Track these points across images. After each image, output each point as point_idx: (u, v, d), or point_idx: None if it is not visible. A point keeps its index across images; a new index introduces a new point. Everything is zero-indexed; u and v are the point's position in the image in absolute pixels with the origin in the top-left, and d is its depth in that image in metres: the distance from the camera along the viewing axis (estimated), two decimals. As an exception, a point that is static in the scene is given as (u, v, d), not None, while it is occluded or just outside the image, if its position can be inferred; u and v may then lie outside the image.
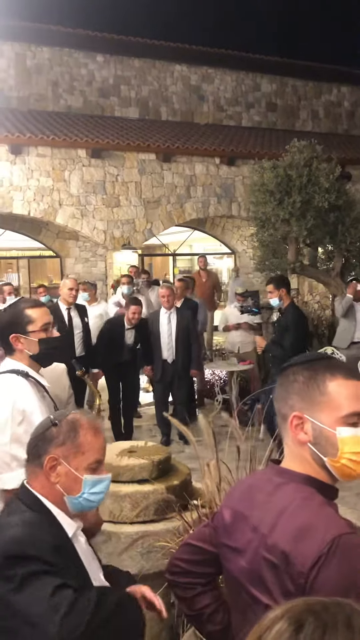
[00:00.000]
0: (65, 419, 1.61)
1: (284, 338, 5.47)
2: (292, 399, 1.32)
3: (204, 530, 1.49)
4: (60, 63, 16.06)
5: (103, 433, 1.67)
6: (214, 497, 2.39)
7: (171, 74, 17.52)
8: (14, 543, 1.40)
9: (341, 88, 19.96)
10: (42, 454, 1.56)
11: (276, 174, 8.88)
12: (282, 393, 1.36)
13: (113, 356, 6.36)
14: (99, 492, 1.60)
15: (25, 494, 1.58)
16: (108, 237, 13.30)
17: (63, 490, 1.56)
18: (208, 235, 17.24)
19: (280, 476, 1.33)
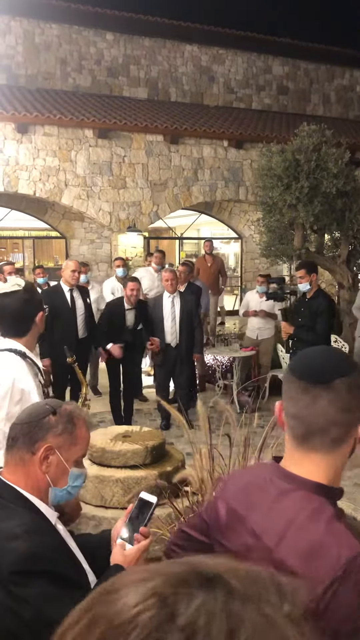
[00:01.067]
0: (62, 408, 1.59)
1: (316, 323, 5.58)
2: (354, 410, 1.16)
3: (196, 520, 1.45)
4: (69, 41, 15.84)
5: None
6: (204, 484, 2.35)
7: (181, 54, 17.26)
8: (25, 559, 1.36)
9: (354, 72, 19.62)
10: (37, 441, 1.53)
11: (284, 158, 8.76)
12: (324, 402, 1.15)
13: (113, 338, 6.33)
14: (78, 485, 1.62)
15: (2, 488, 1.54)
16: (114, 219, 13.21)
17: (50, 481, 1.55)
18: (215, 219, 17.11)
19: (286, 481, 1.22)
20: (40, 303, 2.35)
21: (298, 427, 1.17)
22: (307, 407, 1.14)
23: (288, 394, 1.18)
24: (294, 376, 1.18)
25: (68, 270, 6.18)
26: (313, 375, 1.15)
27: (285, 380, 1.21)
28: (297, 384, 1.16)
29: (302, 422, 1.15)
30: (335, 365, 1.17)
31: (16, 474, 1.54)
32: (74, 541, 1.67)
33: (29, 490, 1.54)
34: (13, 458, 1.56)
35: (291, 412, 1.18)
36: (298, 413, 1.16)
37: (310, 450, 1.18)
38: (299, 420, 1.16)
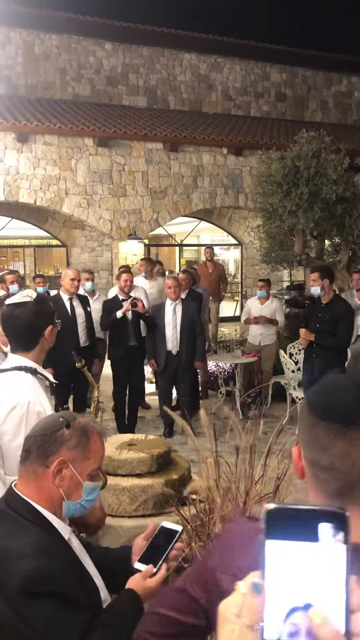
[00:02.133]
0: (76, 421, 1.57)
1: (337, 328, 5.52)
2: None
3: (179, 597, 1.14)
4: (68, 50, 15.95)
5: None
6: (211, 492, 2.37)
7: (180, 62, 17.37)
8: (31, 580, 1.34)
9: (351, 78, 19.72)
10: (50, 455, 1.51)
11: (283, 165, 8.81)
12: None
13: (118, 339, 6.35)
14: (92, 499, 1.60)
15: (16, 502, 1.52)
16: (114, 226, 13.25)
17: (64, 495, 1.53)
18: (215, 226, 17.16)
19: None
20: (52, 316, 2.27)
21: (333, 481, 0.94)
22: (344, 455, 0.92)
23: (313, 441, 0.96)
24: (319, 418, 0.95)
25: (67, 279, 6.20)
26: (346, 414, 0.93)
27: (307, 423, 0.98)
28: (326, 428, 0.94)
29: (339, 474, 0.93)
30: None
31: (29, 487, 1.52)
32: (90, 555, 1.64)
33: (43, 504, 1.51)
34: (27, 471, 1.54)
35: (322, 463, 0.95)
36: (332, 464, 0.93)
37: (350, 505, 0.92)
38: (334, 472, 0.93)
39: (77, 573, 1.48)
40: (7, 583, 1.34)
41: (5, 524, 1.49)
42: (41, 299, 2.27)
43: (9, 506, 1.51)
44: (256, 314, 7.91)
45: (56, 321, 2.27)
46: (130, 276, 6.49)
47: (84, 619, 1.37)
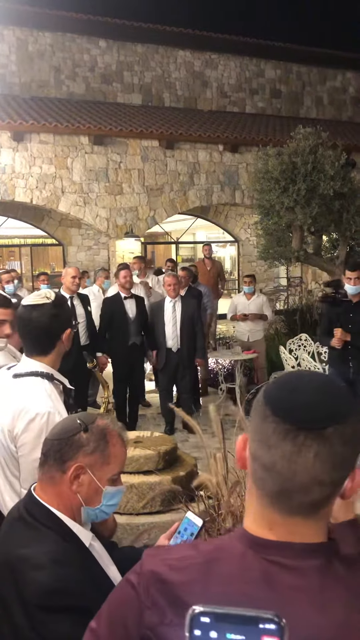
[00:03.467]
0: (95, 425, 1.50)
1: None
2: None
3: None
4: (62, 48, 15.90)
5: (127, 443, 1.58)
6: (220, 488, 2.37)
7: (174, 59, 17.34)
8: (48, 594, 1.31)
9: (346, 74, 19.74)
10: (67, 460, 1.46)
11: (281, 161, 8.80)
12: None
13: (121, 336, 6.34)
14: (114, 504, 1.54)
15: (35, 507, 1.48)
16: (111, 225, 13.23)
17: (82, 500, 1.48)
18: (211, 223, 17.16)
19: (310, 559, 0.83)
20: (70, 319, 2.18)
21: (270, 482, 0.85)
22: (287, 458, 0.82)
23: (260, 434, 0.86)
24: (273, 413, 0.84)
25: (68, 277, 6.17)
26: (301, 417, 0.82)
27: (259, 414, 0.87)
28: (276, 425, 0.83)
29: (278, 477, 0.84)
30: (332, 405, 0.84)
31: (48, 493, 1.48)
32: (114, 555, 1.60)
33: (62, 510, 1.47)
34: (45, 476, 1.49)
35: (263, 460, 0.85)
36: (273, 464, 0.83)
37: (285, 513, 0.85)
38: (273, 474, 0.84)
39: (96, 582, 1.43)
40: (23, 593, 1.32)
41: (22, 530, 1.45)
42: (60, 300, 2.13)
43: (28, 511, 1.47)
44: (243, 310, 7.92)
45: (75, 322, 2.19)
46: (129, 272, 6.50)
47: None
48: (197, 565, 0.86)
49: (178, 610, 0.82)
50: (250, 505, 0.91)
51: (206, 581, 0.84)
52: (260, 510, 0.88)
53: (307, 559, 0.83)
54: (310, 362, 6.90)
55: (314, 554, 0.84)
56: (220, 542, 0.91)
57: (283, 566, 0.82)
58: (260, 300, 8.00)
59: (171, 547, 0.96)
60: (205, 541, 0.94)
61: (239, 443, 0.93)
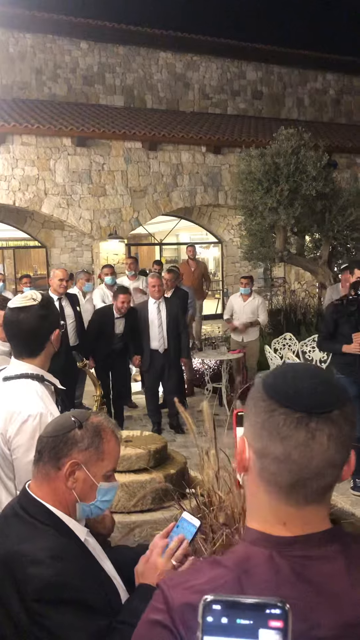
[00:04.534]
0: (89, 421, 1.52)
1: None
2: None
3: None
4: (43, 50, 15.84)
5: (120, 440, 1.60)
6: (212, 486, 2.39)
7: (156, 61, 17.37)
8: (48, 587, 1.32)
9: (326, 76, 19.93)
10: (62, 457, 1.48)
11: (264, 162, 8.88)
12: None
13: (104, 346, 6.33)
14: (108, 499, 1.56)
15: (30, 504, 1.49)
16: (94, 226, 13.21)
17: (77, 497, 1.50)
18: (194, 224, 17.20)
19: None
20: (57, 319, 2.15)
21: (285, 474, 0.85)
22: (302, 446, 0.84)
23: (268, 429, 0.86)
24: (280, 405, 0.86)
25: (56, 279, 6.17)
26: (310, 403, 0.85)
27: (262, 409, 0.87)
28: (286, 416, 0.85)
29: (293, 466, 0.84)
30: (333, 389, 0.88)
31: (43, 489, 1.50)
32: (109, 556, 1.62)
33: (57, 506, 1.49)
34: (40, 473, 1.51)
35: (275, 453, 0.85)
36: (287, 455, 0.84)
37: (300, 503, 0.87)
38: (289, 464, 0.85)
39: (94, 576, 1.46)
40: (23, 588, 1.34)
41: (19, 526, 1.47)
42: (47, 301, 2.12)
43: (23, 508, 1.49)
44: (239, 311, 7.94)
45: (62, 323, 2.17)
46: (127, 297, 6.31)
47: (101, 624, 1.36)
48: (230, 583, 0.83)
49: None
50: (257, 505, 0.91)
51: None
52: (272, 507, 0.88)
53: (328, 546, 0.86)
54: (295, 361, 6.96)
55: (332, 540, 0.87)
56: (241, 552, 0.89)
57: (309, 558, 0.84)
58: (256, 303, 7.98)
59: (188, 573, 0.93)
60: (221, 556, 0.91)
61: (240, 445, 0.92)
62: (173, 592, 0.86)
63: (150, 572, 1.51)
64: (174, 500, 2.66)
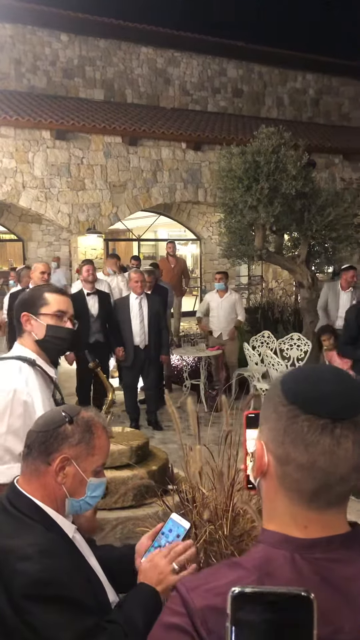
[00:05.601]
0: (79, 416, 1.52)
1: None
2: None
3: None
4: (23, 41, 15.63)
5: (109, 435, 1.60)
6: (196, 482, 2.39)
7: (137, 56, 17.28)
8: (35, 584, 1.31)
9: (306, 75, 20.06)
10: (52, 452, 1.47)
11: (244, 160, 8.88)
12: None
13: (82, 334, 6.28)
14: (98, 495, 1.56)
15: (18, 499, 1.48)
16: (73, 220, 13.11)
17: (67, 492, 1.49)
18: (173, 220, 17.19)
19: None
20: (33, 305, 2.19)
21: (310, 481, 0.84)
22: (327, 453, 0.82)
23: (291, 436, 0.84)
24: (303, 411, 0.84)
25: (37, 272, 6.13)
26: (334, 409, 0.83)
27: (284, 415, 0.85)
28: (310, 423, 0.83)
29: (319, 473, 0.83)
30: (355, 392, 0.86)
31: (32, 484, 1.49)
32: (95, 554, 1.61)
33: (46, 501, 1.48)
34: (29, 468, 1.50)
35: (299, 460, 0.84)
36: (313, 462, 0.82)
37: (322, 508, 0.86)
38: (314, 471, 0.83)
39: (82, 573, 1.45)
40: (10, 584, 1.32)
41: (7, 522, 1.45)
42: (31, 289, 2.29)
43: (11, 503, 1.47)
44: (217, 308, 7.97)
45: (40, 312, 2.20)
46: (92, 267, 6.45)
47: (89, 622, 1.34)
48: (253, 585, 0.80)
49: None
50: (276, 509, 0.89)
51: None
52: (292, 512, 0.87)
53: (349, 549, 0.85)
54: (273, 359, 7.00)
55: (353, 542, 0.86)
56: (261, 554, 0.87)
57: (332, 561, 0.84)
58: (233, 298, 8.03)
59: (205, 575, 0.89)
60: (239, 558, 0.90)
61: (259, 449, 0.90)
62: (193, 595, 0.83)
63: (151, 572, 1.51)
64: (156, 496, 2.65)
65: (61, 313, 2.19)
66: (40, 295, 2.21)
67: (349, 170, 15.98)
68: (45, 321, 2.17)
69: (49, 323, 2.17)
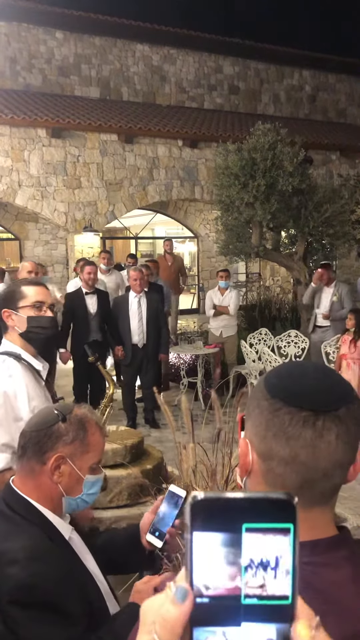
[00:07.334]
0: (72, 414, 1.50)
1: None
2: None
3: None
4: (18, 39, 15.57)
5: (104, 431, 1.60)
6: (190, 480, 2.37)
7: (132, 53, 17.23)
8: (20, 589, 1.28)
9: (303, 72, 20.02)
10: (47, 451, 1.45)
11: (241, 157, 8.87)
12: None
13: (81, 333, 6.25)
14: (94, 492, 1.55)
15: (14, 500, 1.46)
16: (69, 219, 13.07)
17: (63, 491, 1.48)
18: (170, 218, 17.15)
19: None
20: (11, 300, 2.24)
21: (293, 475, 0.82)
22: (310, 445, 0.80)
23: (273, 430, 0.82)
24: (285, 404, 0.82)
25: (24, 271, 6.07)
26: (317, 401, 0.81)
27: (266, 409, 0.83)
28: (292, 415, 0.81)
29: (301, 467, 0.81)
30: (340, 386, 0.85)
31: (27, 485, 1.47)
32: (98, 539, 1.61)
33: (42, 502, 1.47)
34: (23, 468, 1.48)
35: (281, 454, 0.81)
36: (295, 456, 0.80)
37: (306, 506, 0.83)
38: (296, 466, 0.81)
39: (75, 578, 1.42)
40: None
41: (0, 524, 1.43)
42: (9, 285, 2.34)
43: (7, 504, 1.46)
44: (218, 304, 7.95)
45: (19, 306, 2.21)
46: (94, 268, 6.39)
47: (74, 633, 1.32)
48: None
49: None
50: None
51: None
52: None
53: (336, 552, 0.82)
54: (270, 356, 6.98)
55: (339, 546, 0.84)
56: None
57: (318, 564, 0.81)
58: (233, 295, 8.02)
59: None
60: None
61: (243, 447, 0.87)
62: None
63: (146, 596, 1.48)
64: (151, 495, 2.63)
65: (39, 303, 2.23)
66: (17, 290, 2.25)
67: (346, 166, 15.94)
68: (25, 313, 2.20)
69: (29, 315, 2.20)
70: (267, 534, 0.48)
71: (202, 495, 0.48)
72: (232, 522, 0.48)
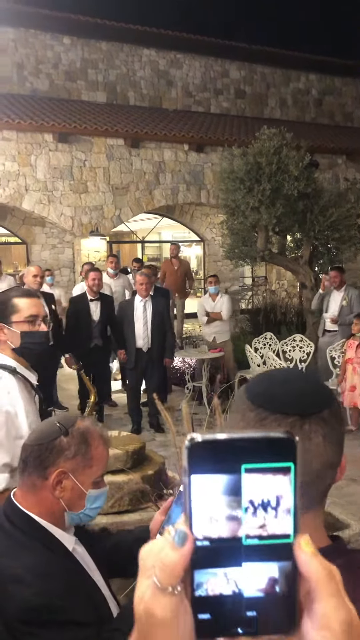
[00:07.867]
0: (75, 427, 1.46)
1: None
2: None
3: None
4: (25, 45, 15.67)
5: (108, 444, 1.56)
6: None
7: (139, 58, 17.29)
8: (28, 610, 1.27)
9: (309, 76, 20.01)
10: (48, 466, 1.41)
11: (246, 161, 8.87)
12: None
13: (83, 338, 6.28)
14: (98, 506, 1.52)
15: (15, 515, 1.43)
16: (76, 223, 13.12)
17: (65, 506, 1.44)
18: (177, 222, 17.17)
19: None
20: (3, 314, 2.17)
21: None
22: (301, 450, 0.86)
23: None
24: (271, 411, 0.82)
25: (30, 275, 6.12)
26: (301, 405, 0.82)
27: (251, 420, 0.83)
28: (279, 422, 0.81)
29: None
30: (320, 389, 0.86)
31: (29, 499, 1.44)
32: (108, 541, 1.60)
33: (44, 516, 1.43)
34: (25, 483, 1.45)
35: None
36: None
37: (302, 512, 0.81)
38: None
39: (81, 590, 1.41)
40: (4, 607, 1.29)
41: (2, 539, 1.41)
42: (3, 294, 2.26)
43: (8, 519, 1.43)
44: (210, 310, 7.95)
45: (12, 321, 2.15)
46: (98, 274, 6.42)
47: (89, 632, 1.32)
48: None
49: None
50: None
51: None
52: None
53: (333, 561, 0.82)
54: (275, 360, 6.97)
55: (336, 554, 0.80)
56: None
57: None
58: (224, 300, 8.04)
59: None
60: None
61: None
62: None
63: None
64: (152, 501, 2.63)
65: (33, 317, 2.16)
66: (9, 303, 2.16)
67: (353, 170, 15.91)
68: (19, 328, 2.13)
69: (22, 330, 2.13)
70: (267, 474, 0.48)
71: (200, 438, 0.47)
72: (231, 463, 0.47)
